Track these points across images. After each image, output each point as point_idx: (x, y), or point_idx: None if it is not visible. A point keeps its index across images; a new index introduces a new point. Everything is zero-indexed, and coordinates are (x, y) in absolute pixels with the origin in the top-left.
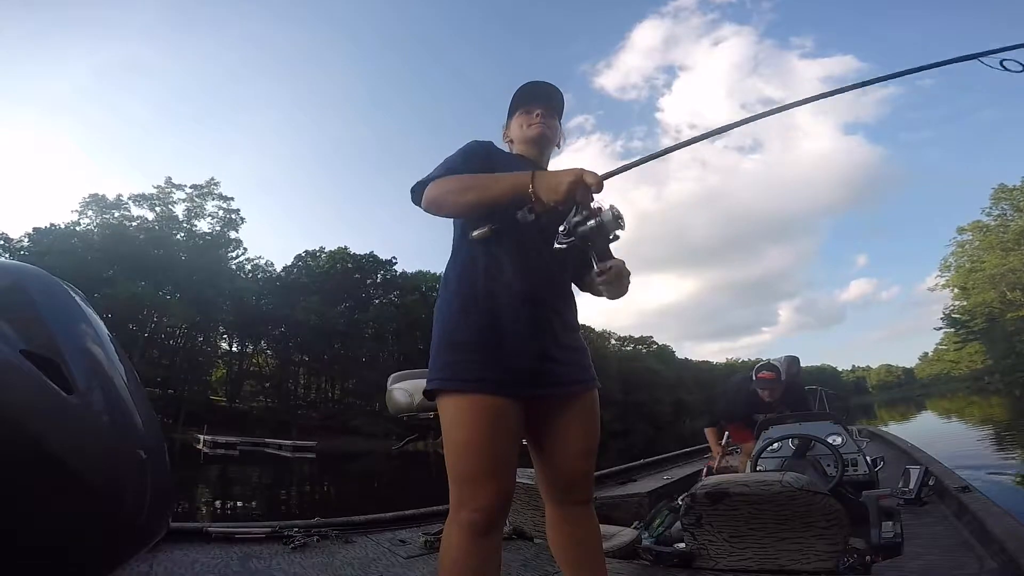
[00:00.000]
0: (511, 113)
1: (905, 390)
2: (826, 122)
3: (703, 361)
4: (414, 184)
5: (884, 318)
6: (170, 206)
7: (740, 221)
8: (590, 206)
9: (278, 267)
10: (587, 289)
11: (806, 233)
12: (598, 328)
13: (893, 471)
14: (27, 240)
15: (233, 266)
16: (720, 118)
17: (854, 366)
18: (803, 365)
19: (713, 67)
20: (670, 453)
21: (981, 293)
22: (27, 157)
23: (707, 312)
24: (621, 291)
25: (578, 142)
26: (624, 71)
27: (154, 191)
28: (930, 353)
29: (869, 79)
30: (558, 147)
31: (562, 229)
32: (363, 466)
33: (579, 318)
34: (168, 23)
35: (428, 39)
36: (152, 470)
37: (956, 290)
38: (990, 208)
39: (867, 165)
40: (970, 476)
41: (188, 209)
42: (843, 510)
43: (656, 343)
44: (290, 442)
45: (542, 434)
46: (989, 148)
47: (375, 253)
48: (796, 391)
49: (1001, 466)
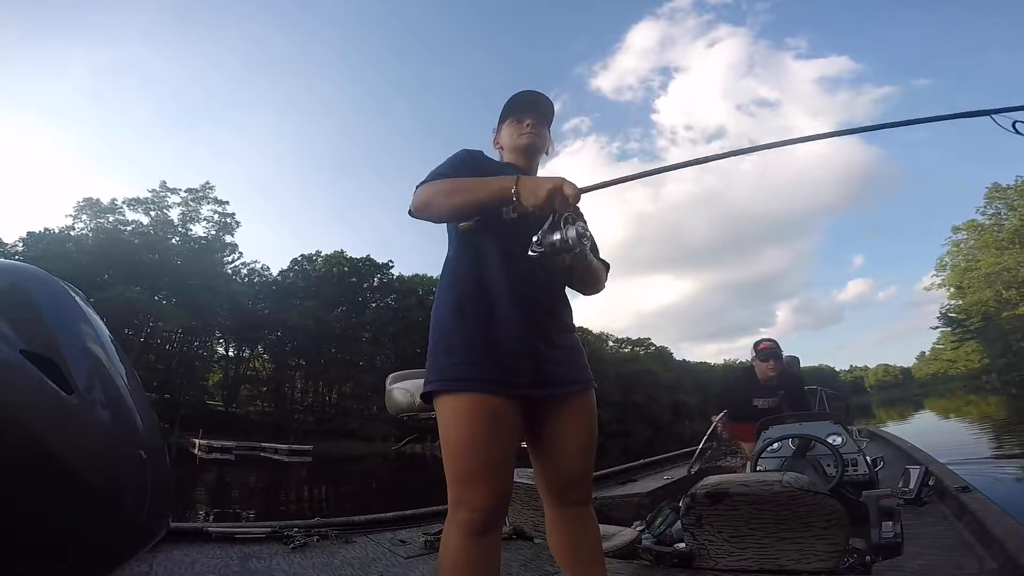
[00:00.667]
0: (502, 120)
1: (903, 390)
2: (823, 123)
3: (701, 362)
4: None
5: (881, 318)
6: (165, 210)
7: (738, 222)
8: (563, 217)
9: (274, 271)
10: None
11: (804, 233)
12: (596, 330)
13: (893, 471)
14: (21, 244)
15: (229, 270)
16: (716, 119)
17: (852, 366)
18: (801, 366)
19: (708, 68)
20: (670, 453)
21: (977, 292)
22: (21, 160)
23: (705, 313)
24: (588, 280)
25: (574, 144)
26: (620, 73)
27: (149, 195)
28: (927, 352)
29: (873, 124)
30: (546, 154)
31: (535, 238)
32: (360, 469)
33: (576, 320)
34: (165, 24)
35: (425, 42)
36: (152, 470)
37: (952, 289)
38: (984, 207)
39: (863, 164)
40: (970, 476)
41: (183, 213)
42: (843, 510)
43: (654, 345)
44: (286, 446)
45: (540, 435)
46: (983, 148)
47: (372, 256)
48: (796, 388)
49: (1001, 466)
